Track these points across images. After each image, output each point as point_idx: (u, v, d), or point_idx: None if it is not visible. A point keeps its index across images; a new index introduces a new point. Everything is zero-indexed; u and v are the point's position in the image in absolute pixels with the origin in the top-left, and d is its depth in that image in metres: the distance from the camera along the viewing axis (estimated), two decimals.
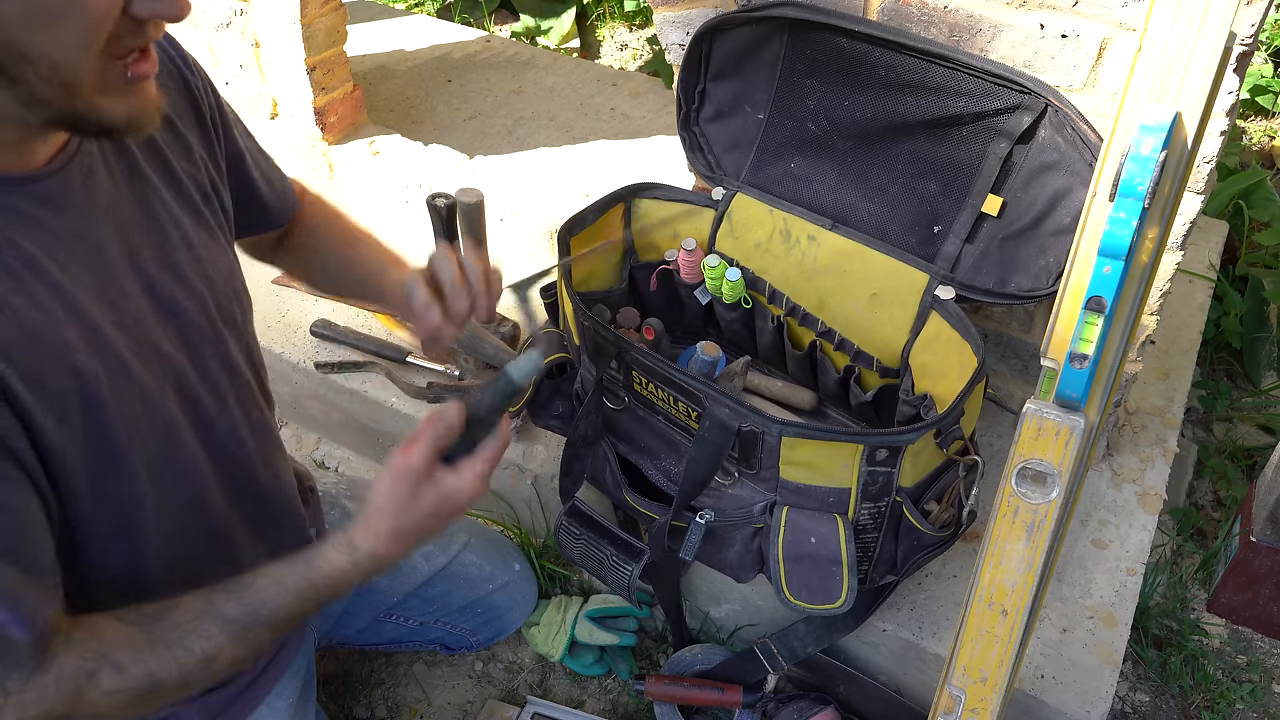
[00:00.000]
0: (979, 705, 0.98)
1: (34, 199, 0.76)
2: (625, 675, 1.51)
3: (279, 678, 1.14)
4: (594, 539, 1.31)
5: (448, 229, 1.52)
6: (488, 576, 1.43)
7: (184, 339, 0.90)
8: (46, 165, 0.77)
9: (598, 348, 1.25)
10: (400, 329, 1.74)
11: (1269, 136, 2.81)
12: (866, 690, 1.36)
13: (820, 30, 1.22)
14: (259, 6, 1.86)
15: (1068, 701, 1.22)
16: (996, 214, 1.21)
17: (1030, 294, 1.19)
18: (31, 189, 0.75)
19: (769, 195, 1.40)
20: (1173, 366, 1.69)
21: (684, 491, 1.18)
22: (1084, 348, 0.83)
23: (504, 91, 2.38)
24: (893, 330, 1.30)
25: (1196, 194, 1.13)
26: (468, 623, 1.44)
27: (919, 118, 1.21)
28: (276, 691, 1.13)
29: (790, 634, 1.32)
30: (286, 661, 1.14)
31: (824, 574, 1.13)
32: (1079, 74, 1.13)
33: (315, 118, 1.97)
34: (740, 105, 1.38)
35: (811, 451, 1.10)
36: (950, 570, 1.36)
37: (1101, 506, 1.44)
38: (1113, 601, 1.32)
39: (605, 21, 3.41)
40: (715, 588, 1.46)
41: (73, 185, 0.79)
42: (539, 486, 1.55)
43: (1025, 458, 0.88)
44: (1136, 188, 0.78)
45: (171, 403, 0.88)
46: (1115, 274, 0.80)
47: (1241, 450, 1.91)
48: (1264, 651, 1.60)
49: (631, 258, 1.50)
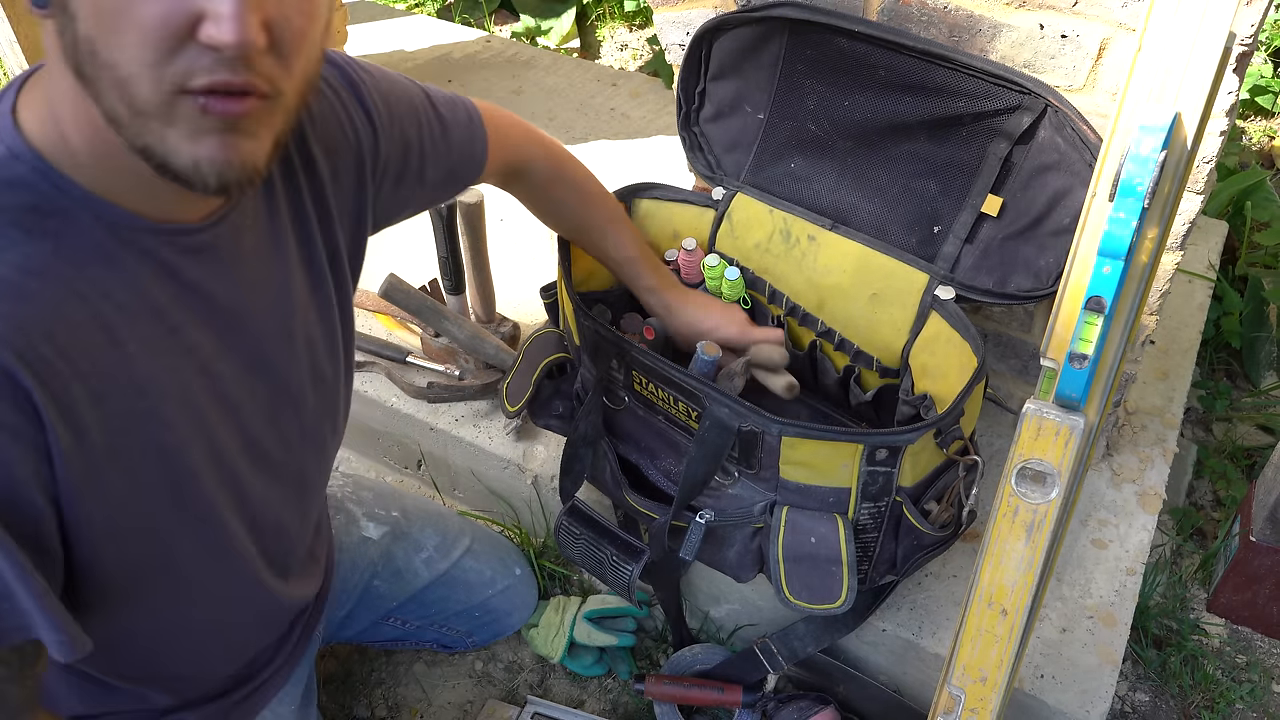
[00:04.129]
0: (979, 705, 0.98)
1: (179, 250, 0.74)
2: (625, 675, 1.51)
3: (282, 685, 1.13)
4: (594, 539, 1.32)
5: (448, 229, 1.52)
6: (488, 581, 1.43)
7: (273, 400, 0.88)
8: (202, 221, 0.76)
9: (598, 348, 1.25)
10: (400, 329, 1.74)
11: (1269, 136, 2.81)
12: (866, 690, 1.36)
13: (820, 30, 1.22)
14: None
15: (1067, 701, 1.22)
16: (996, 214, 1.21)
17: (1030, 294, 1.19)
18: (180, 240, 0.74)
19: (769, 195, 1.40)
20: (1172, 366, 1.69)
21: (684, 491, 1.18)
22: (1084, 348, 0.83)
23: (504, 91, 2.38)
24: (892, 330, 1.30)
25: (1196, 194, 1.14)
26: (464, 625, 1.44)
27: (919, 118, 1.21)
28: (279, 698, 1.13)
29: (790, 634, 1.32)
30: (290, 669, 1.14)
31: (824, 574, 1.13)
32: (1079, 74, 1.13)
33: None
34: (740, 105, 1.38)
35: (811, 451, 1.10)
36: (950, 570, 1.36)
37: (1101, 506, 1.44)
38: (1112, 601, 1.32)
39: (605, 21, 3.41)
40: (715, 588, 1.46)
41: (222, 240, 0.78)
42: (539, 486, 1.55)
43: (1025, 458, 0.88)
44: (1136, 188, 0.78)
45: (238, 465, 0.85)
46: (1115, 274, 0.80)
47: (1241, 450, 1.91)
48: (1264, 651, 1.60)
49: None
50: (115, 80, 0.60)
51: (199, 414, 0.79)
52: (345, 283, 0.96)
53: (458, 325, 1.54)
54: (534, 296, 1.66)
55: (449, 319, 1.53)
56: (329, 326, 0.95)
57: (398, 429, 1.67)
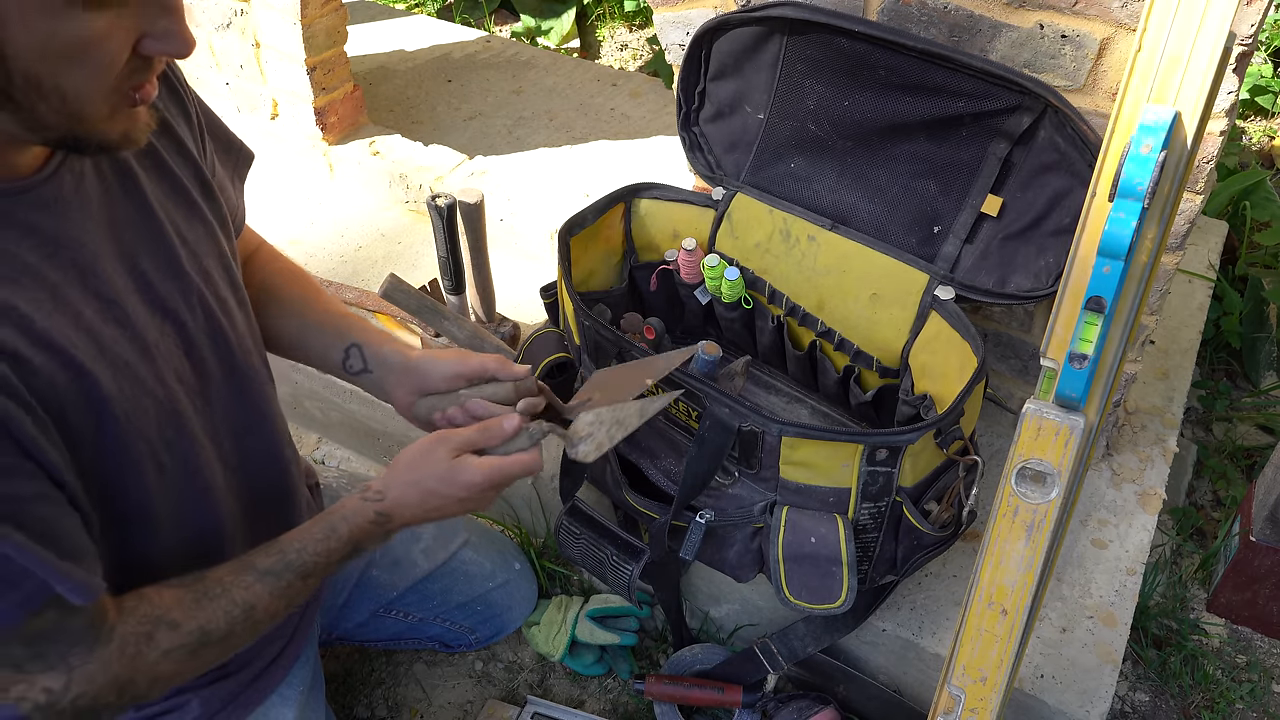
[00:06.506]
0: (979, 705, 0.98)
1: (27, 206, 0.76)
2: (625, 675, 1.51)
3: (290, 667, 1.15)
4: (594, 539, 1.32)
5: (448, 229, 1.52)
6: (487, 574, 1.43)
7: (181, 336, 0.90)
8: (37, 172, 0.77)
9: (598, 347, 1.25)
10: (400, 329, 1.74)
11: (1269, 136, 2.81)
12: (866, 690, 1.36)
13: (820, 30, 1.22)
14: (259, 6, 1.87)
15: (1067, 701, 1.22)
16: (996, 214, 1.21)
17: (1030, 294, 1.19)
18: (24, 197, 0.76)
19: (769, 195, 1.40)
20: (1172, 366, 1.69)
21: (684, 491, 1.18)
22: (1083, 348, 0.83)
23: (504, 91, 2.38)
24: (892, 330, 1.31)
25: (1196, 194, 1.14)
26: (467, 620, 1.44)
27: (919, 118, 1.21)
28: (287, 681, 1.15)
29: (790, 634, 1.32)
30: (296, 651, 1.15)
31: (824, 574, 1.13)
32: (1079, 74, 1.13)
33: (315, 118, 1.97)
34: (740, 105, 1.38)
35: (811, 451, 1.10)
36: (950, 570, 1.36)
37: (1101, 506, 1.44)
38: (1112, 601, 1.32)
39: (605, 21, 3.41)
40: (715, 587, 1.46)
41: (65, 190, 0.79)
42: (539, 486, 1.55)
43: (1025, 458, 0.88)
44: (1136, 188, 0.78)
45: (178, 398, 0.89)
46: (1115, 274, 0.80)
47: (1241, 450, 1.91)
48: (1264, 651, 1.60)
49: (632, 258, 1.50)
50: (61, 103, 0.67)
51: (121, 362, 0.82)
52: (221, 209, 0.99)
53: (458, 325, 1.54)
54: (534, 296, 1.66)
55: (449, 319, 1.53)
56: (220, 256, 0.97)
57: (398, 429, 1.67)
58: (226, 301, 0.97)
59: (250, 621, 0.88)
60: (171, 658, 0.83)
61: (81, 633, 0.78)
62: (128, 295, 0.84)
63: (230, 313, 0.98)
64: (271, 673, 1.12)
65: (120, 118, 0.72)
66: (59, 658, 0.77)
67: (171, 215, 0.91)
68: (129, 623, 0.81)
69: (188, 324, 0.91)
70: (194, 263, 0.92)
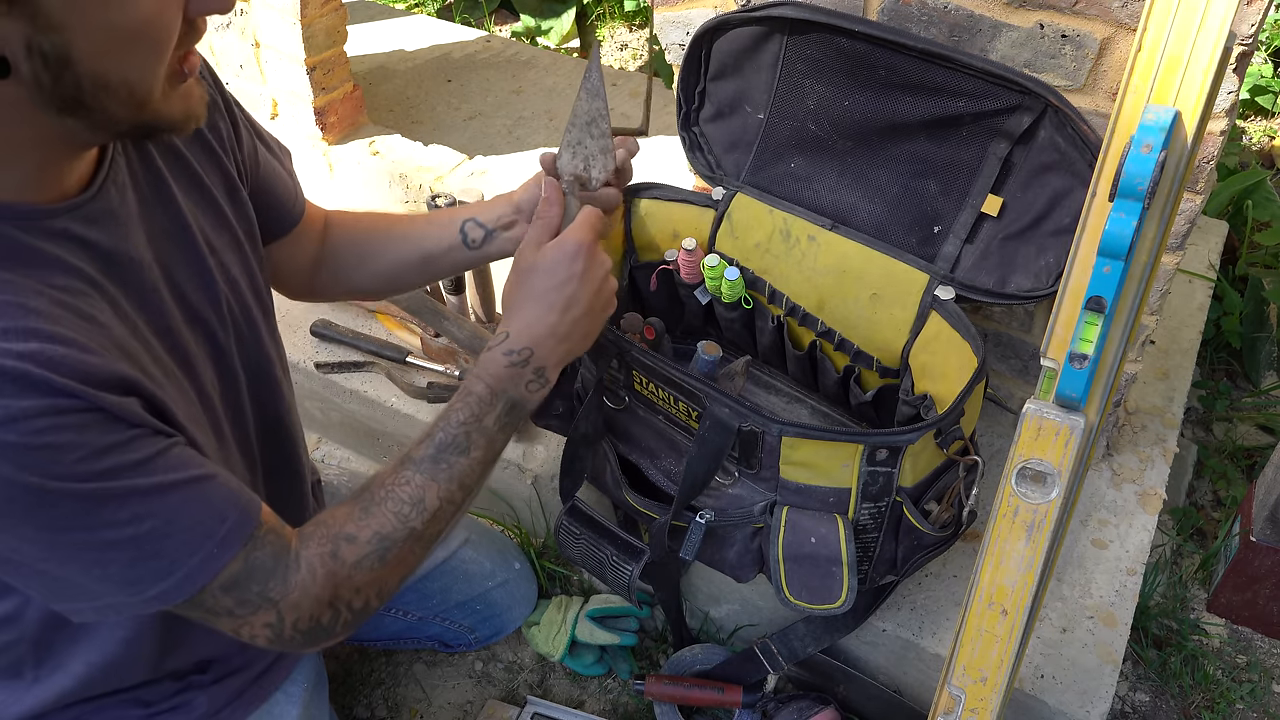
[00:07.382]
0: (979, 705, 0.98)
1: (81, 222, 0.76)
2: (625, 675, 1.51)
3: (294, 664, 1.15)
4: (594, 539, 1.32)
5: None
6: (487, 573, 1.43)
7: (212, 346, 0.91)
8: (85, 189, 0.77)
9: (598, 347, 1.25)
10: (400, 329, 1.74)
11: (1269, 136, 2.81)
12: (866, 690, 1.36)
13: (820, 30, 1.22)
14: (259, 6, 1.86)
15: (1068, 701, 1.22)
16: (996, 214, 1.21)
17: (1030, 294, 1.19)
18: (77, 213, 0.76)
19: (769, 195, 1.40)
20: (1172, 366, 1.69)
21: (684, 491, 1.18)
22: (1084, 348, 0.83)
23: (504, 91, 2.38)
24: (893, 330, 1.30)
25: (1196, 194, 1.14)
26: (466, 619, 1.44)
27: (919, 118, 1.21)
28: (292, 678, 1.15)
29: (790, 634, 1.32)
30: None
31: (824, 574, 1.13)
32: (1079, 74, 1.13)
33: (315, 118, 1.97)
34: (740, 105, 1.38)
35: (812, 451, 1.10)
36: (950, 570, 1.36)
37: (1101, 506, 1.44)
38: (1112, 601, 1.32)
39: (605, 21, 3.41)
40: (715, 588, 1.46)
41: (112, 204, 0.80)
42: (539, 486, 1.55)
43: (1025, 458, 0.88)
44: (1136, 188, 0.78)
45: (214, 406, 0.90)
46: (1115, 274, 0.80)
47: (1241, 450, 1.91)
48: (1264, 651, 1.60)
49: (631, 257, 1.50)
50: (129, 94, 0.68)
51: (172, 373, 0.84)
52: (248, 216, 0.99)
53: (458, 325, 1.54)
54: None
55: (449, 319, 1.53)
56: (245, 264, 0.97)
57: (398, 429, 1.67)
58: (250, 310, 0.98)
59: (428, 513, 0.88)
60: (363, 568, 0.85)
61: (271, 566, 0.80)
62: (170, 307, 0.85)
63: (254, 321, 0.98)
64: (276, 670, 1.12)
65: (176, 97, 0.72)
66: (261, 596, 0.80)
67: (200, 224, 0.91)
68: (310, 546, 0.83)
69: (217, 333, 0.92)
70: (222, 272, 0.93)
